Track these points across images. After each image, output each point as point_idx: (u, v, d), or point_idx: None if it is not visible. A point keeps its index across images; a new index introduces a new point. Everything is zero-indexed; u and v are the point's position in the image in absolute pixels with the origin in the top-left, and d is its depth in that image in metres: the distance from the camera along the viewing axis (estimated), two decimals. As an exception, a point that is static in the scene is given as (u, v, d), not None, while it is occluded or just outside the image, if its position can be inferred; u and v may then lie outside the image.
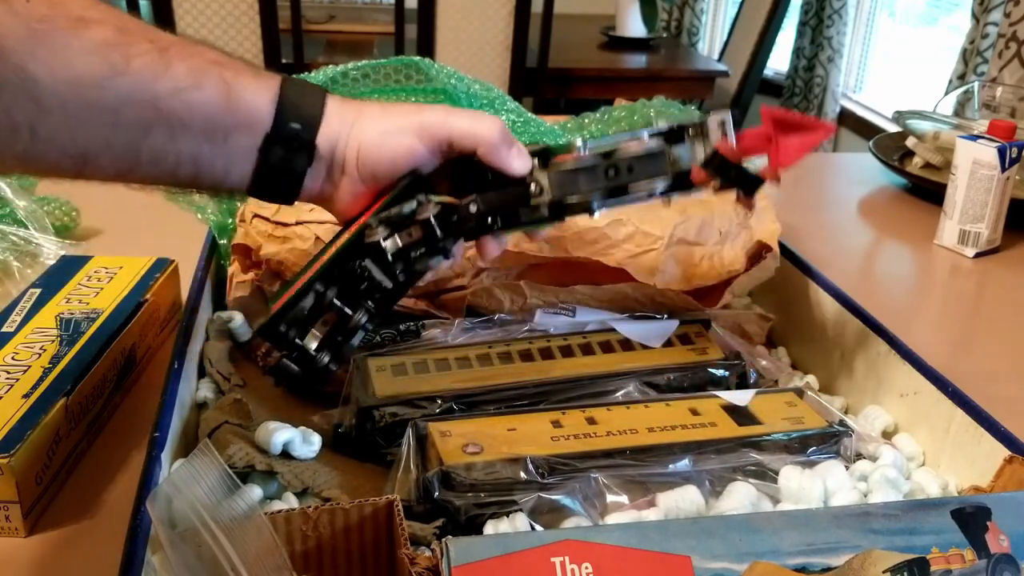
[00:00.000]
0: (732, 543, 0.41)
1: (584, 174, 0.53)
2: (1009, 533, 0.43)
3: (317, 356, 0.50)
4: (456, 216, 0.51)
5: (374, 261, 0.49)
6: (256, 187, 0.50)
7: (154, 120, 0.45)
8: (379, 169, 0.51)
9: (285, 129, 0.49)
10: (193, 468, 0.43)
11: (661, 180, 0.53)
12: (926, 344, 0.63)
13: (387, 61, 0.81)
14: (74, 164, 0.45)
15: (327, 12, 2.53)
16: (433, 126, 0.51)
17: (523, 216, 0.53)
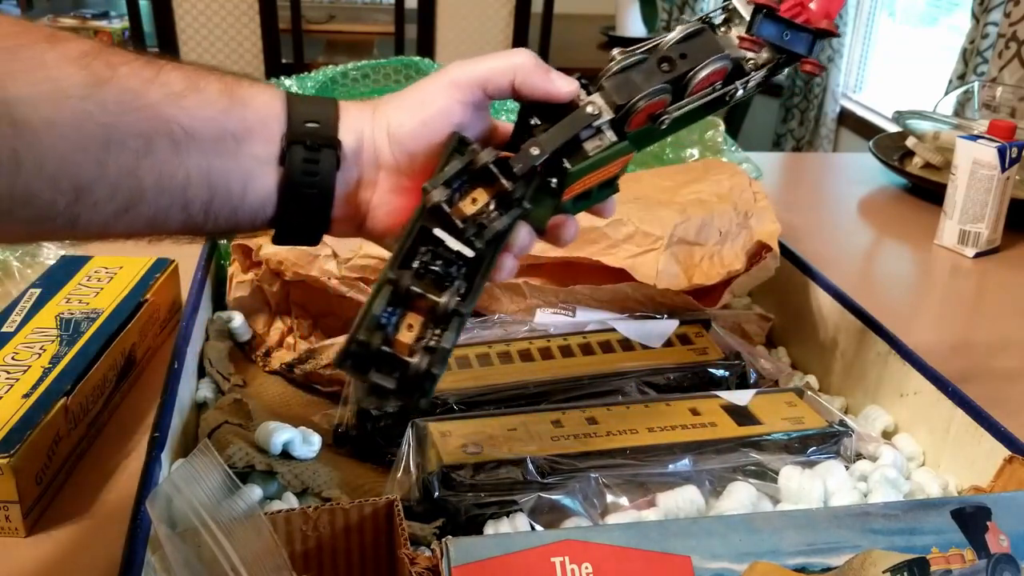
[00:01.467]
0: (732, 543, 0.41)
1: (637, 72, 0.45)
2: (1009, 533, 0.43)
3: (412, 362, 0.40)
4: (519, 164, 0.43)
5: (444, 228, 0.42)
6: (282, 211, 0.43)
7: (152, 133, 0.40)
8: (416, 144, 0.45)
9: (302, 128, 0.43)
10: (193, 468, 0.43)
11: (719, 59, 0.46)
12: (926, 344, 0.63)
13: (387, 61, 0.81)
14: (67, 202, 0.38)
15: (327, 12, 2.53)
16: (460, 77, 0.45)
17: (589, 149, 0.45)
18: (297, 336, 0.67)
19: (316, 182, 0.43)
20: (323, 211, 0.44)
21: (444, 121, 0.45)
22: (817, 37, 0.48)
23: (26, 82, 0.36)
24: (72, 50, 0.38)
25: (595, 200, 0.49)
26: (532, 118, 0.46)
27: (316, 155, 0.43)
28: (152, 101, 0.40)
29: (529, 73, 0.45)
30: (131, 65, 0.40)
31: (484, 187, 0.43)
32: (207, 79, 0.42)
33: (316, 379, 0.64)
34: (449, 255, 0.42)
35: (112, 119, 0.38)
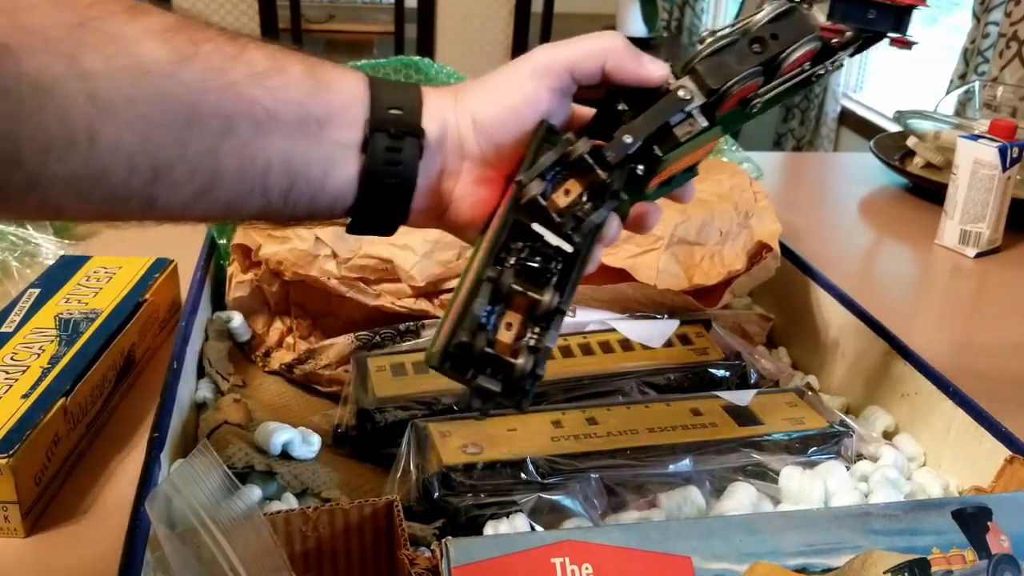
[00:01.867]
0: (733, 543, 0.41)
1: (730, 54, 0.44)
2: (1010, 533, 0.43)
3: (517, 363, 0.38)
4: (612, 153, 0.41)
5: (543, 223, 0.40)
6: (362, 199, 0.42)
7: (235, 113, 0.38)
8: (503, 133, 0.43)
9: (385, 115, 0.42)
10: (192, 468, 0.43)
11: (811, 40, 0.44)
12: (927, 344, 0.63)
13: (387, 61, 0.81)
14: (143, 181, 0.37)
15: (327, 12, 2.53)
16: (549, 62, 0.43)
17: (680, 134, 0.43)
18: (296, 336, 0.67)
19: (398, 171, 0.42)
20: (403, 201, 0.43)
21: (532, 109, 0.43)
22: (904, 11, 0.46)
23: (103, 55, 0.35)
24: (153, 24, 0.37)
25: (675, 185, 0.48)
26: (618, 103, 0.44)
27: (399, 143, 0.41)
28: (235, 80, 0.38)
29: (621, 56, 0.43)
30: (215, 42, 0.38)
31: (577, 178, 0.42)
32: (290, 59, 0.40)
33: (316, 379, 0.64)
34: (547, 250, 0.40)
35: (194, 97, 0.37)
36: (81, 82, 0.34)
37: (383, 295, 0.65)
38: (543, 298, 0.39)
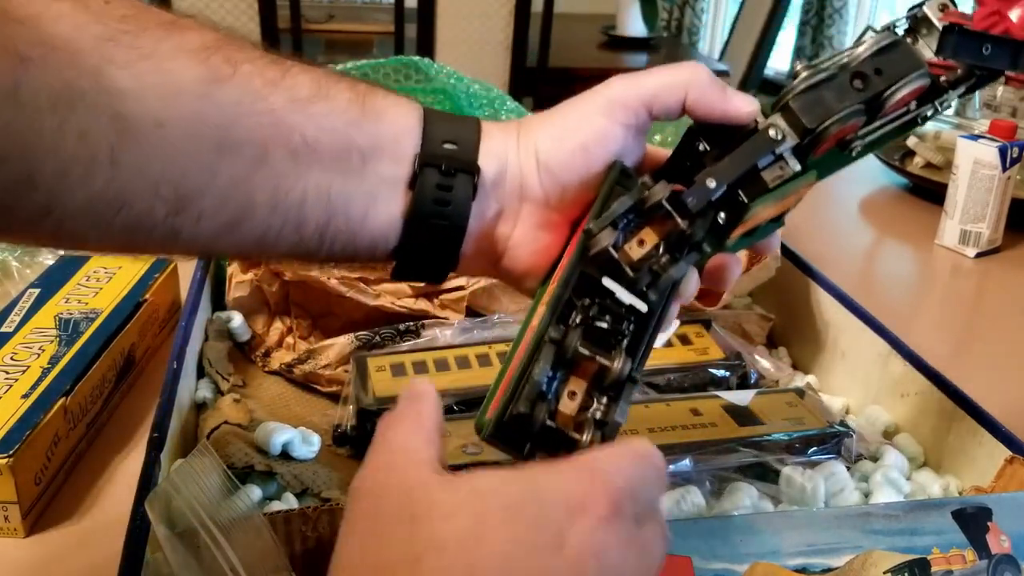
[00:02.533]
0: (733, 544, 0.41)
1: (828, 90, 0.39)
2: (1010, 533, 0.43)
3: (581, 440, 0.34)
4: (692, 199, 0.37)
5: (614, 278, 0.36)
6: (407, 241, 0.38)
7: (271, 140, 0.35)
8: (570, 174, 0.39)
9: (438, 149, 0.38)
10: (192, 468, 0.43)
11: (920, 77, 0.40)
12: (927, 344, 0.63)
13: (386, 61, 0.81)
14: (167, 211, 0.34)
15: (326, 12, 2.53)
16: (623, 95, 0.39)
17: (769, 179, 0.38)
18: (296, 336, 0.67)
19: (448, 212, 0.38)
20: (453, 245, 0.39)
21: (603, 147, 0.39)
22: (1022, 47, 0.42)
23: (134, 73, 0.32)
24: (191, 41, 0.34)
25: (760, 236, 0.43)
26: (699, 143, 0.40)
27: (451, 181, 0.38)
28: (274, 105, 0.35)
29: (704, 90, 0.39)
30: (255, 63, 0.35)
31: (653, 227, 0.37)
32: (338, 86, 0.37)
33: (315, 379, 0.64)
34: (619, 309, 0.36)
35: (228, 121, 0.34)
36: (107, 100, 0.32)
37: (383, 295, 0.65)
38: (613, 365, 0.34)
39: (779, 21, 2.45)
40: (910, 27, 0.42)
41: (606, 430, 0.34)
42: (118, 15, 0.33)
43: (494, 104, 0.80)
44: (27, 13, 0.31)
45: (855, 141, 0.41)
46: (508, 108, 0.81)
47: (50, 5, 0.31)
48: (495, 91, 0.82)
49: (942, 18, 0.41)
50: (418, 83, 0.80)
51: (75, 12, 0.32)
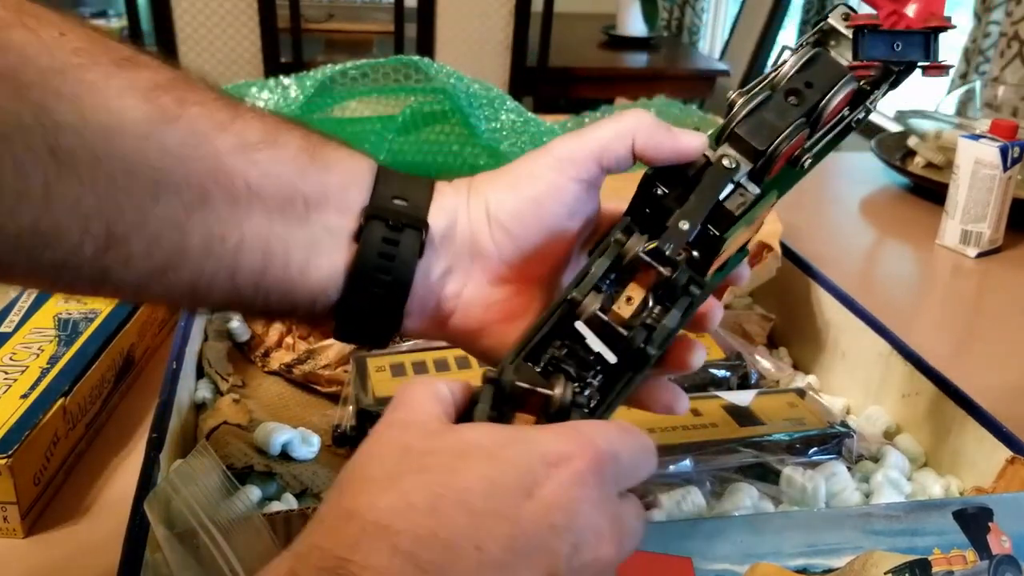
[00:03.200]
0: (733, 544, 0.41)
1: (768, 111, 0.40)
2: (1011, 534, 0.43)
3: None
4: (670, 245, 0.36)
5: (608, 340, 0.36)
6: (349, 296, 0.38)
7: (212, 184, 0.34)
8: (522, 228, 0.38)
9: (387, 203, 0.37)
10: (191, 469, 0.43)
11: (846, 83, 0.41)
12: (928, 344, 0.63)
13: (386, 60, 0.81)
14: (95, 248, 0.33)
15: (326, 11, 2.53)
16: (571, 152, 0.39)
17: (734, 208, 0.39)
18: (296, 336, 0.67)
19: (392, 267, 0.37)
20: (397, 302, 0.38)
21: (555, 200, 0.39)
22: (931, 36, 0.43)
23: (77, 107, 0.31)
24: (143, 79, 0.33)
25: (729, 268, 0.43)
26: (655, 187, 0.40)
27: (397, 235, 0.37)
28: (219, 149, 0.34)
29: (650, 133, 0.39)
30: (206, 106, 0.35)
31: (638, 281, 0.37)
32: (290, 133, 0.37)
33: (315, 380, 0.64)
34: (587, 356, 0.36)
35: (170, 163, 0.33)
36: (46, 133, 0.31)
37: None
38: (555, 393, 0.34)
39: (779, 21, 2.45)
40: (819, 41, 0.43)
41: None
42: (71, 48, 0.32)
43: (494, 104, 0.80)
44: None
45: (804, 155, 0.41)
46: (508, 108, 0.81)
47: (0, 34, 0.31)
48: (495, 91, 0.82)
49: (849, 25, 0.42)
50: (417, 82, 0.80)
51: (26, 42, 0.31)
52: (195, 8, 1.78)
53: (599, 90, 2.25)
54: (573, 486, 0.30)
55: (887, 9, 0.43)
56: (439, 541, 0.28)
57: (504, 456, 0.30)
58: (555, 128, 0.85)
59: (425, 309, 0.39)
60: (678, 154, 0.39)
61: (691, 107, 1.15)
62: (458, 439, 0.31)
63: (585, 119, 1.11)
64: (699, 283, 0.37)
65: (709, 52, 3.21)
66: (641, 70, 2.37)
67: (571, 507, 0.30)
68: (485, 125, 0.80)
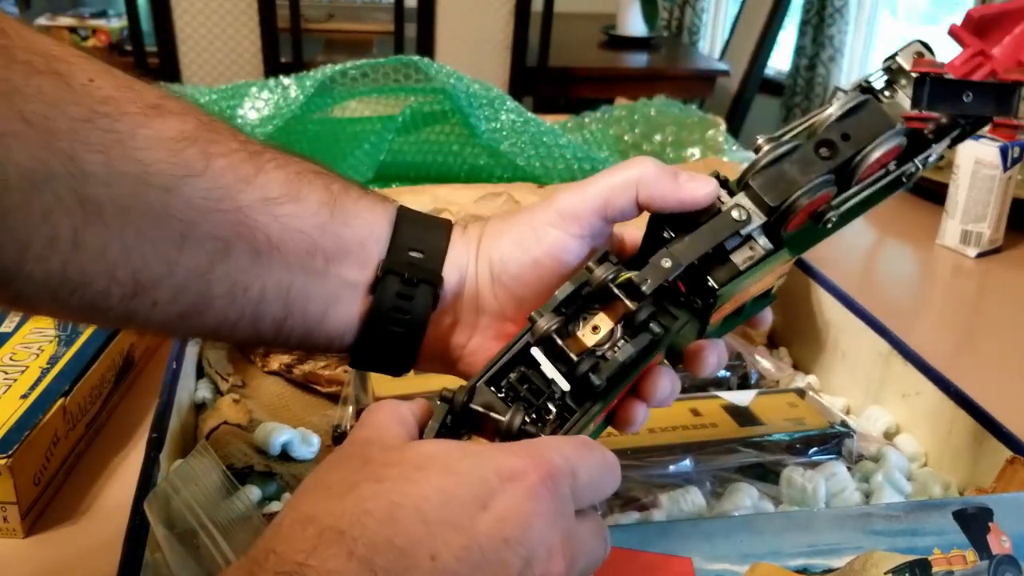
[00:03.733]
0: (733, 544, 0.41)
1: (791, 163, 0.37)
2: (1011, 534, 0.43)
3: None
4: (647, 280, 0.35)
5: (555, 361, 0.36)
6: (364, 342, 0.39)
7: (235, 237, 0.35)
8: (522, 287, 0.39)
9: (403, 257, 0.38)
10: (191, 469, 0.43)
11: (892, 136, 0.37)
12: (928, 344, 0.62)
13: (386, 60, 0.81)
14: (123, 295, 0.34)
15: (326, 11, 2.53)
16: (572, 207, 0.39)
17: (739, 261, 0.37)
18: (296, 336, 0.67)
19: (406, 320, 0.38)
20: (410, 349, 0.40)
21: (556, 260, 0.38)
22: (1007, 90, 0.39)
23: (106, 159, 0.32)
24: (169, 130, 0.34)
25: (747, 315, 0.42)
26: (663, 231, 0.38)
27: (412, 290, 0.38)
28: (242, 204, 0.35)
29: (653, 183, 0.38)
30: (229, 158, 0.35)
31: (607, 312, 0.36)
32: (311, 186, 0.37)
33: (315, 380, 0.64)
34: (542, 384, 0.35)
35: (194, 216, 0.34)
36: (75, 183, 0.32)
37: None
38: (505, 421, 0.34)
39: (779, 21, 2.45)
40: (888, 80, 0.40)
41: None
42: (100, 96, 0.33)
43: (494, 104, 0.80)
44: (7, 88, 0.31)
45: (829, 212, 0.38)
46: (508, 108, 0.81)
47: (31, 80, 0.31)
48: (495, 91, 0.82)
49: (914, 67, 0.39)
50: (417, 82, 0.80)
51: (56, 89, 0.32)
52: (195, 8, 1.78)
53: (599, 90, 2.25)
54: (527, 500, 0.30)
55: (973, 48, 0.39)
56: (394, 548, 0.28)
57: (460, 469, 0.31)
58: (555, 128, 0.85)
59: (435, 354, 0.41)
60: (683, 204, 0.38)
61: (691, 107, 1.15)
62: (416, 452, 0.32)
63: (585, 119, 1.11)
64: (662, 324, 0.36)
65: (709, 52, 3.21)
66: (641, 70, 2.37)
67: (524, 521, 0.30)
68: (485, 125, 0.80)
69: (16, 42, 0.31)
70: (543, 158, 0.82)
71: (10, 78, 0.31)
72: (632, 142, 1.05)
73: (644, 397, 0.39)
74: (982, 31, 0.40)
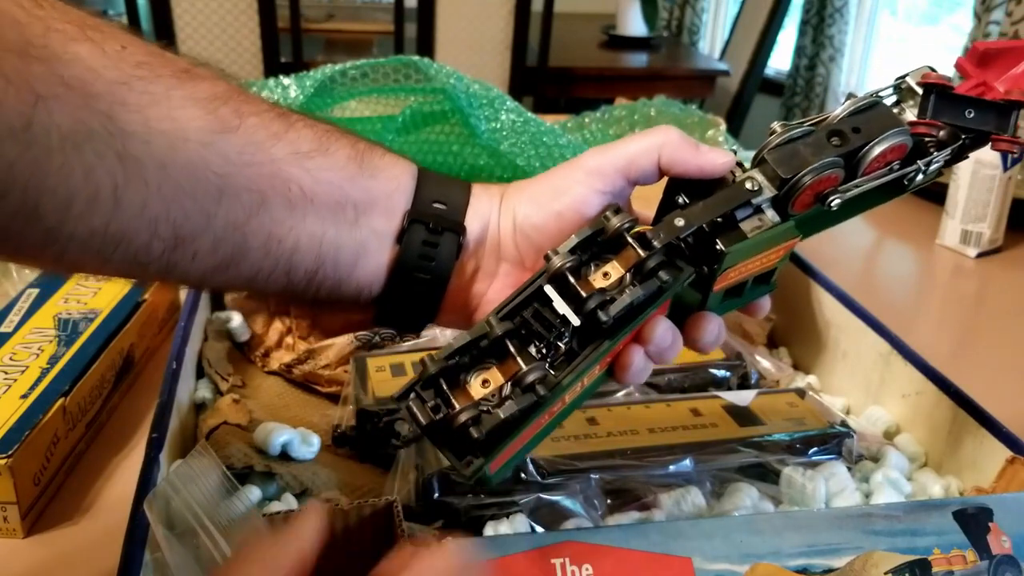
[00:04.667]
0: (733, 544, 0.41)
1: (803, 145, 0.40)
2: (1011, 534, 0.43)
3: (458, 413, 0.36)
4: (660, 235, 0.38)
5: (556, 288, 0.37)
6: (390, 290, 0.41)
7: (269, 190, 0.37)
8: (543, 237, 0.41)
9: (428, 208, 0.40)
10: (191, 469, 0.43)
11: (897, 134, 0.40)
12: (928, 344, 0.63)
13: (386, 60, 0.81)
14: (164, 248, 0.36)
15: (326, 11, 2.53)
16: (600, 165, 0.41)
17: (747, 229, 0.39)
18: (296, 336, 0.67)
19: (432, 267, 0.40)
20: (433, 298, 0.41)
21: (578, 213, 0.40)
22: (1007, 109, 0.42)
23: (144, 117, 0.34)
24: (202, 91, 0.36)
25: (747, 298, 0.44)
26: (679, 196, 0.40)
27: (437, 238, 0.40)
28: (275, 157, 0.37)
29: (676, 148, 0.40)
30: (261, 116, 0.37)
31: (619, 260, 0.38)
32: (339, 142, 0.39)
33: (315, 379, 0.64)
34: (553, 319, 0.37)
35: (230, 170, 0.36)
36: (115, 142, 0.33)
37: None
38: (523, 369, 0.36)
39: (779, 21, 2.45)
40: (897, 99, 0.43)
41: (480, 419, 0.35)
42: (134, 61, 0.34)
43: (494, 104, 0.80)
44: (46, 54, 0.32)
45: (833, 195, 0.40)
46: (508, 108, 0.81)
47: (68, 47, 0.33)
48: (495, 91, 0.82)
49: (922, 80, 0.42)
50: (417, 82, 0.80)
51: (92, 55, 0.33)
52: (195, 8, 1.78)
53: (599, 90, 2.25)
54: None
55: (975, 79, 0.41)
56: None
57: None
58: (555, 128, 0.85)
59: (455, 304, 0.42)
60: (702, 170, 0.40)
61: (691, 107, 1.15)
62: None
63: (585, 119, 1.11)
64: (672, 272, 0.38)
65: (709, 52, 3.21)
66: (641, 70, 2.37)
67: None
68: (485, 125, 0.80)
69: (51, 12, 0.33)
70: (543, 158, 0.82)
71: (48, 45, 0.32)
72: (632, 142, 1.05)
73: (643, 342, 0.40)
74: (985, 63, 0.42)
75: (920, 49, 2.82)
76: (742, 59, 2.51)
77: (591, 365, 0.37)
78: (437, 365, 0.37)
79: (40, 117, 0.31)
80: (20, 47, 0.31)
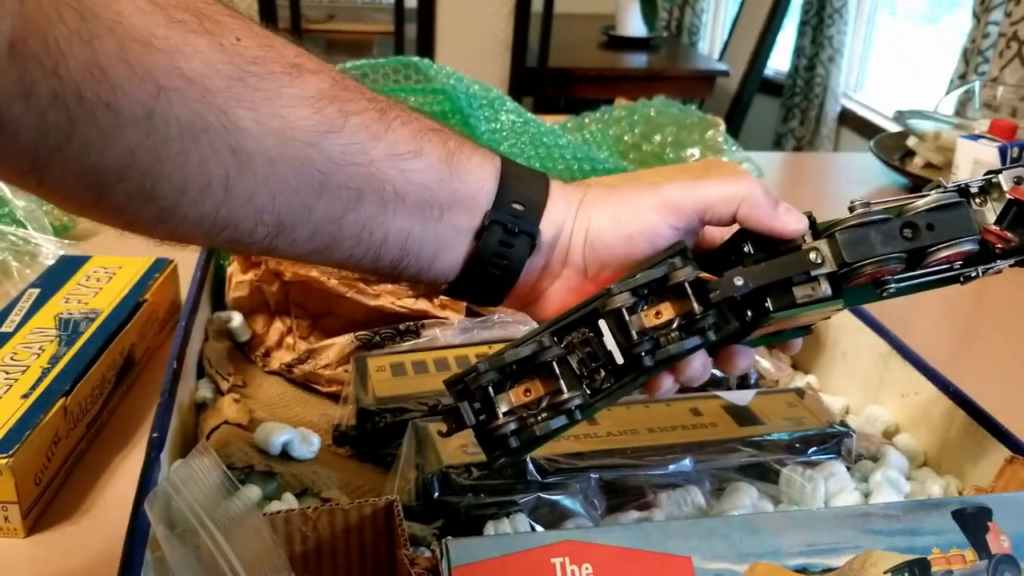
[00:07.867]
0: (733, 544, 0.41)
1: (876, 231, 0.41)
2: (1010, 534, 0.43)
3: (502, 424, 0.40)
4: (717, 291, 0.40)
5: (609, 324, 0.40)
6: (463, 279, 0.44)
7: (365, 188, 0.39)
8: (610, 255, 0.43)
9: (507, 209, 0.43)
10: (192, 468, 0.43)
11: (968, 241, 0.41)
12: (927, 344, 0.63)
13: (386, 61, 0.81)
14: (267, 234, 0.38)
15: (326, 11, 2.53)
16: (678, 200, 0.42)
17: (798, 295, 0.41)
18: (296, 336, 0.67)
19: (504, 265, 0.43)
20: (502, 289, 0.44)
21: (648, 241, 0.42)
22: None
23: (255, 114, 0.36)
24: (310, 88, 0.38)
25: (785, 338, 0.46)
26: (745, 244, 0.42)
27: (512, 239, 0.43)
28: (374, 158, 0.39)
29: (755, 206, 0.41)
30: (363, 116, 0.39)
31: (672, 303, 0.41)
32: (431, 143, 0.42)
33: (315, 379, 0.64)
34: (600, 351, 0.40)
35: (331, 168, 0.38)
36: (228, 135, 0.35)
37: (383, 295, 0.65)
38: (565, 393, 0.40)
39: (779, 21, 2.45)
40: (983, 189, 0.43)
41: (522, 432, 0.40)
42: (249, 56, 0.36)
43: (494, 104, 0.80)
44: (168, 45, 0.33)
45: (889, 283, 0.42)
46: (508, 108, 0.81)
47: (188, 39, 0.34)
48: (495, 91, 0.82)
49: (1011, 191, 0.42)
50: (417, 83, 0.80)
51: (210, 49, 0.35)
52: (195, 8, 1.78)
53: (599, 90, 2.25)
54: None
55: None
56: None
57: None
58: (555, 129, 0.85)
59: (518, 294, 0.45)
60: (775, 231, 0.42)
61: (691, 107, 1.15)
62: None
63: (585, 119, 1.11)
64: (717, 331, 0.41)
65: (709, 52, 3.21)
66: (641, 70, 2.38)
67: None
68: (485, 126, 0.80)
69: (170, 0, 0.34)
70: (543, 158, 0.82)
71: (170, 36, 0.34)
72: (632, 142, 1.05)
73: (675, 373, 0.42)
74: None
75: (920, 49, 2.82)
76: (741, 59, 2.51)
77: (625, 394, 0.41)
78: (489, 378, 0.40)
79: (161, 107, 0.33)
80: (144, 37, 0.33)
